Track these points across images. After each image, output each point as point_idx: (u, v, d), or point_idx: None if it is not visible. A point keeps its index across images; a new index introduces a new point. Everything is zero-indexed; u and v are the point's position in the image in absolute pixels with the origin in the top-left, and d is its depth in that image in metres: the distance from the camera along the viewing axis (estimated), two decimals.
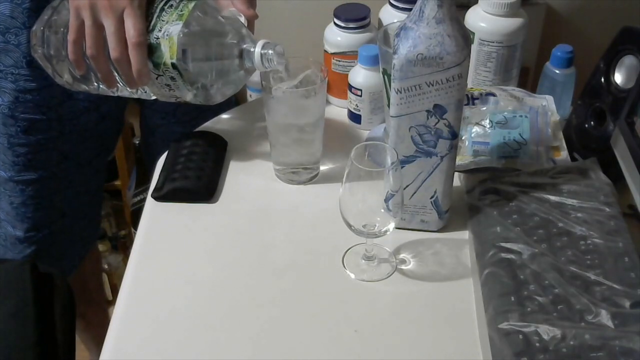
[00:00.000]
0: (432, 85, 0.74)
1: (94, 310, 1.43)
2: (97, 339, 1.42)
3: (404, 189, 0.80)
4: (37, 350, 0.83)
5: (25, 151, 1.04)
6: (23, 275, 0.88)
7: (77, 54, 0.85)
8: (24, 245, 1.12)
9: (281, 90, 0.87)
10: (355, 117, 1.04)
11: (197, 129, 1.04)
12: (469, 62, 0.74)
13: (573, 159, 0.93)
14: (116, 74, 0.87)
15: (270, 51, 0.85)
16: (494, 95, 0.96)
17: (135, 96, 0.93)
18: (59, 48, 0.88)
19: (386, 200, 0.75)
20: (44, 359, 0.83)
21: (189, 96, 0.88)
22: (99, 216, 1.29)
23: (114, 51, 0.83)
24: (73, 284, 1.17)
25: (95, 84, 0.91)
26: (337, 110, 1.08)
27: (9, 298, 0.87)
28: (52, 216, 1.12)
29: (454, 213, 0.86)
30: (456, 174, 0.87)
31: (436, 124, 0.77)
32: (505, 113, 0.93)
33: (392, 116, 0.78)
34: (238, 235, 0.87)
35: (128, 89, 0.89)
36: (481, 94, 0.96)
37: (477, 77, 1.05)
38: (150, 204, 0.92)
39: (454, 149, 0.79)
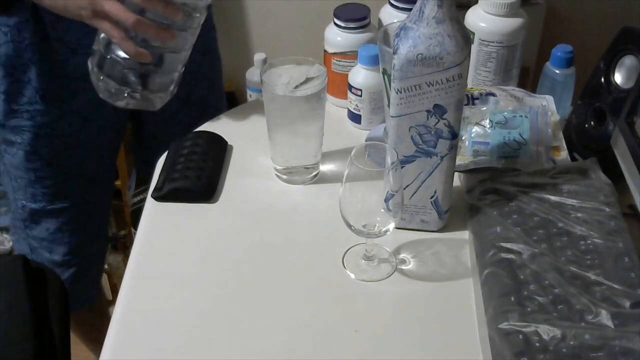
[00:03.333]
0: (432, 85, 0.74)
1: (94, 313, 1.43)
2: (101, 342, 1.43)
3: (404, 189, 0.80)
4: (35, 343, 0.83)
5: (53, 182, 1.08)
6: (15, 270, 0.88)
7: (130, 45, 0.84)
8: (62, 269, 1.16)
9: (281, 90, 0.87)
10: (355, 117, 1.04)
11: (197, 129, 1.04)
12: (469, 62, 0.74)
13: (573, 159, 0.93)
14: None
15: None
16: (494, 95, 0.96)
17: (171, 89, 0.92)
18: (115, 71, 0.89)
19: (386, 200, 0.75)
20: (41, 351, 0.83)
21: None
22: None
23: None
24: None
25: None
26: (337, 110, 1.08)
27: (2, 293, 0.87)
28: (86, 240, 1.18)
29: (454, 213, 0.86)
30: (456, 174, 0.87)
31: (436, 124, 0.77)
32: (505, 113, 0.93)
33: (392, 116, 0.78)
34: (238, 235, 0.87)
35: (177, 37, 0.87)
36: (481, 94, 0.96)
37: (477, 77, 1.05)
38: (150, 204, 0.92)
39: (454, 149, 0.79)
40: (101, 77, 0.90)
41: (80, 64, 1.00)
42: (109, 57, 0.89)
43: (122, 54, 0.87)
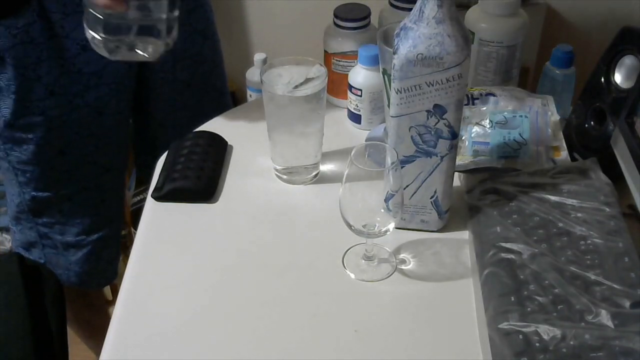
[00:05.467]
0: (432, 85, 0.74)
1: (97, 314, 1.43)
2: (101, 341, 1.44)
3: (404, 189, 0.80)
4: (33, 338, 0.83)
5: (66, 168, 1.08)
6: (11, 266, 0.89)
7: None
8: (75, 250, 1.17)
9: (281, 90, 0.87)
10: (355, 117, 1.04)
11: (197, 129, 1.04)
12: (469, 62, 0.74)
13: (573, 159, 0.93)
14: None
15: None
16: (494, 95, 0.96)
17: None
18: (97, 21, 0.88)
19: (386, 200, 0.75)
20: (40, 347, 0.83)
21: None
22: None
23: None
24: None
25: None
26: (337, 110, 1.08)
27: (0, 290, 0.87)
28: (100, 222, 1.17)
29: (454, 213, 0.86)
30: (456, 174, 0.87)
31: (436, 124, 0.77)
32: (505, 113, 0.93)
33: (392, 116, 0.78)
34: (238, 235, 0.87)
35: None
36: (481, 94, 0.96)
37: (477, 77, 1.05)
38: (150, 204, 0.92)
39: (454, 149, 0.79)
40: (93, 35, 0.89)
41: (91, 59, 1.01)
42: (90, 11, 0.88)
43: (98, 5, 0.85)
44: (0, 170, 1.14)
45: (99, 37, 0.90)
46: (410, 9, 0.73)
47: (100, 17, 0.88)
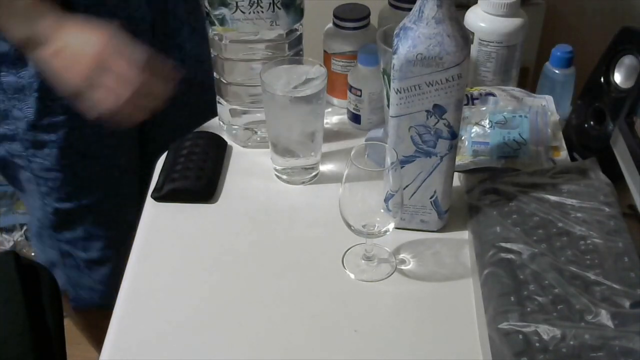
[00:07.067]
0: (432, 85, 0.74)
1: (96, 314, 1.43)
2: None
3: (404, 189, 0.80)
4: (32, 336, 0.83)
5: (88, 174, 1.08)
6: (7, 265, 0.89)
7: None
8: (99, 266, 1.15)
9: (281, 90, 0.87)
10: (355, 117, 1.04)
11: (197, 129, 1.04)
12: (469, 62, 0.74)
13: (573, 159, 0.93)
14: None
15: None
16: (493, 95, 0.96)
17: None
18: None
19: (386, 200, 0.75)
20: (39, 344, 0.83)
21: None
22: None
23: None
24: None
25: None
26: (337, 110, 1.08)
27: None
28: (123, 232, 1.16)
29: (454, 213, 0.86)
30: (456, 174, 0.87)
31: (436, 124, 0.77)
32: (505, 113, 0.93)
33: (391, 116, 0.78)
34: (238, 235, 0.87)
35: None
36: (481, 94, 0.96)
37: (477, 77, 1.05)
38: (150, 204, 0.92)
39: (453, 149, 0.79)
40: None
41: None
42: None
43: None
44: (20, 183, 1.12)
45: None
46: (410, 9, 0.73)
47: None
